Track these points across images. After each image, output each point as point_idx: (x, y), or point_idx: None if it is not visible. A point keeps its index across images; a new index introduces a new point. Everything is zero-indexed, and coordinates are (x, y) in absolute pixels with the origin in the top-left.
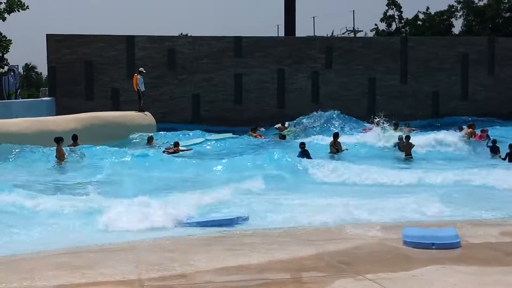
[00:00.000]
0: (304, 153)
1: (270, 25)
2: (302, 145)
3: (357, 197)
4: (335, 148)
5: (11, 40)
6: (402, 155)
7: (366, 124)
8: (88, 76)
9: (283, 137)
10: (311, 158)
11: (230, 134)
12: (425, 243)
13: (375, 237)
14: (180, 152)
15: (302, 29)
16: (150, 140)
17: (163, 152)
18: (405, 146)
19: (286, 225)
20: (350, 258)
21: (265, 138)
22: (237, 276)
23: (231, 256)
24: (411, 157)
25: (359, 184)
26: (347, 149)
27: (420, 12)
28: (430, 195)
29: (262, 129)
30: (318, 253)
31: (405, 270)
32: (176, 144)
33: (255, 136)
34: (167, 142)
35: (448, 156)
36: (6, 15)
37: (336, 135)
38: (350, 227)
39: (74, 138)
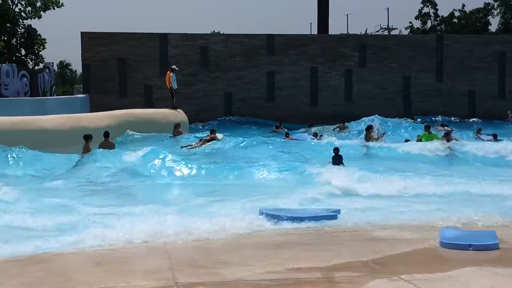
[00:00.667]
0: (337, 158)
1: (303, 23)
2: (336, 150)
3: (397, 200)
4: (367, 140)
5: (45, 39)
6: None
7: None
8: (122, 73)
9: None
10: (343, 164)
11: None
12: (462, 245)
13: (411, 238)
14: (215, 141)
15: (335, 27)
16: (176, 127)
17: (181, 147)
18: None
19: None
20: (385, 259)
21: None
22: (271, 274)
23: (265, 254)
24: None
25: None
26: (384, 134)
27: (456, 10)
28: (477, 201)
29: (285, 129)
30: (352, 252)
31: (441, 271)
32: (213, 132)
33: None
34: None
35: None
36: (41, 13)
37: (368, 128)
38: (386, 228)
39: (106, 135)
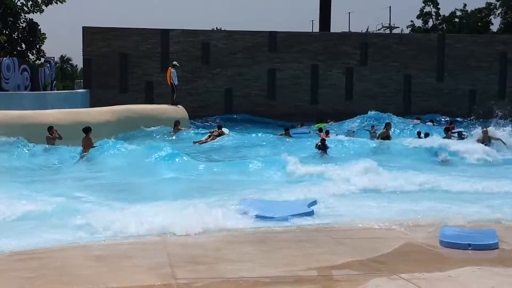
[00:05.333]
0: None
1: (305, 20)
2: (323, 140)
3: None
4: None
5: (45, 34)
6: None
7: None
8: (123, 69)
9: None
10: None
11: None
12: (461, 244)
13: (411, 237)
14: (223, 136)
15: (337, 25)
16: (176, 124)
17: (194, 143)
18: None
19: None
20: (385, 257)
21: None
22: (269, 272)
23: (263, 252)
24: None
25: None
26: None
27: (457, 9)
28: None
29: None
30: (352, 251)
31: (441, 270)
32: (220, 127)
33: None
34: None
35: None
36: (43, 7)
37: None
38: (386, 225)
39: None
